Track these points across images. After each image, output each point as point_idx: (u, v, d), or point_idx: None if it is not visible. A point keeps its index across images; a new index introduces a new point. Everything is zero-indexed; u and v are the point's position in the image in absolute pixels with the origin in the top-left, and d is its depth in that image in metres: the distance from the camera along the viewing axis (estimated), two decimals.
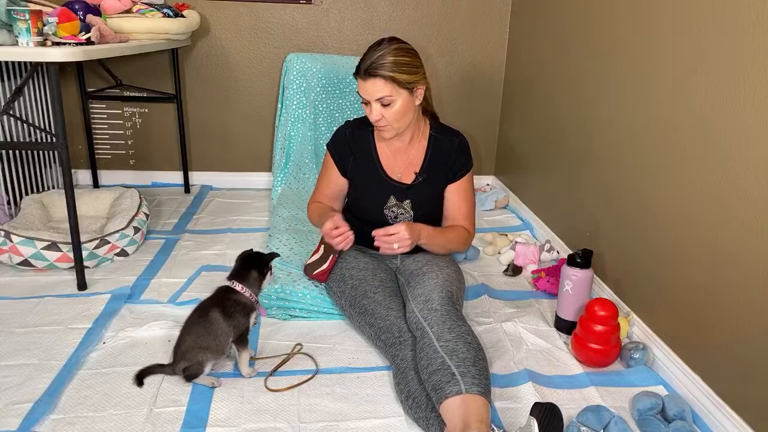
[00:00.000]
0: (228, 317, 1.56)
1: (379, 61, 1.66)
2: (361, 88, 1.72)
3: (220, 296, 1.61)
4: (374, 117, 1.73)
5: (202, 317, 1.57)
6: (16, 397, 1.49)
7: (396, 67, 1.67)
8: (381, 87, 1.68)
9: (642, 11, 1.87)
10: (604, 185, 2.11)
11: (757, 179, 1.36)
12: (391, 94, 1.69)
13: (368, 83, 1.68)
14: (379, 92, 1.68)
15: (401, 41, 1.75)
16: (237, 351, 1.60)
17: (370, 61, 1.67)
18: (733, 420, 1.43)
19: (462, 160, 1.90)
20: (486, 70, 3.29)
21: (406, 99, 1.71)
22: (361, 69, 1.69)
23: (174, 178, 3.31)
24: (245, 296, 1.61)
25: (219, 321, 1.55)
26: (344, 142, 1.91)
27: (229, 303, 1.58)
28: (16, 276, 2.15)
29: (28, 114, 2.68)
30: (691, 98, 1.61)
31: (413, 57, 1.74)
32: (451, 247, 1.91)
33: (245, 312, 1.60)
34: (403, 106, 1.72)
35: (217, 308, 1.57)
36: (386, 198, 1.86)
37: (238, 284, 1.61)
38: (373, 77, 1.67)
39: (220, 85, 3.19)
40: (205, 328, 1.55)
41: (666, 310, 1.72)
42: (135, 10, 2.53)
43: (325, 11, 3.12)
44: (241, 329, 1.59)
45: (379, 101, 1.70)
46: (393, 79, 1.67)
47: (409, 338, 1.59)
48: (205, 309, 1.58)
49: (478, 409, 1.31)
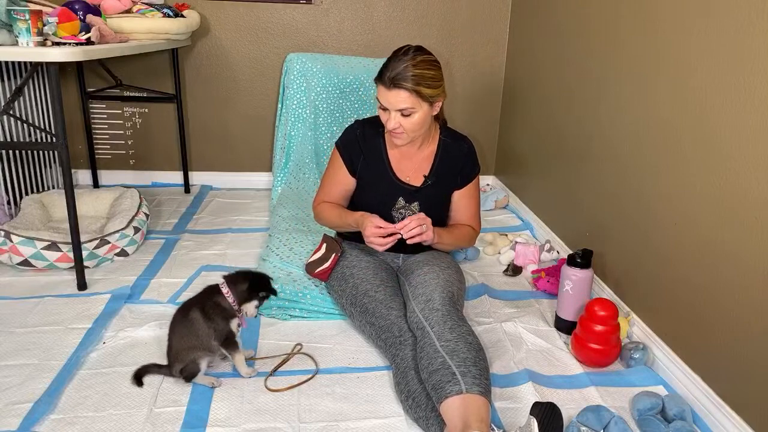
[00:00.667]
0: (207, 319, 1.54)
1: (405, 72, 1.63)
2: (382, 96, 1.69)
3: (203, 296, 1.59)
4: (392, 125, 1.71)
5: (184, 317, 1.56)
6: (16, 397, 1.49)
7: (422, 80, 1.64)
8: (404, 99, 1.65)
9: (642, 12, 1.87)
10: (604, 185, 2.11)
11: (757, 179, 1.36)
12: (413, 106, 1.67)
13: (392, 93, 1.65)
14: (402, 103, 1.66)
15: (427, 52, 1.71)
16: (228, 354, 1.59)
17: (396, 72, 1.64)
18: (733, 420, 1.43)
19: (470, 166, 1.91)
20: (486, 70, 3.29)
21: (425, 111, 1.70)
22: (386, 77, 1.66)
23: (174, 178, 3.31)
24: (227, 301, 1.56)
25: (199, 321, 1.54)
26: (354, 141, 1.90)
27: (209, 304, 1.56)
28: (16, 276, 2.15)
29: (28, 114, 2.68)
30: (691, 98, 1.61)
31: (438, 70, 1.71)
32: (459, 244, 1.94)
33: (224, 316, 1.56)
34: (421, 117, 1.70)
35: (197, 308, 1.55)
36: (395, 199, 1.86)
37: (225, 286, 1.57)
38: (398, 88, 1.64)
39: (220, 85, 3.19)
40: (187, 327, 1.54)
41: (666, 310, 1.72)
42: (135, 10, 2.53)
43: (325, 11, 3.12)
44: (223, 333, 1.56)
45: (399, 111, 1.69)
46: (417, 92, 1.65)
47: (409, 338, 1.59)
48: (186, 309, 1.57)
49: (478, 409, 1.31)
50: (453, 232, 1.90)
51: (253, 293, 1.59)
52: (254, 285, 1.59)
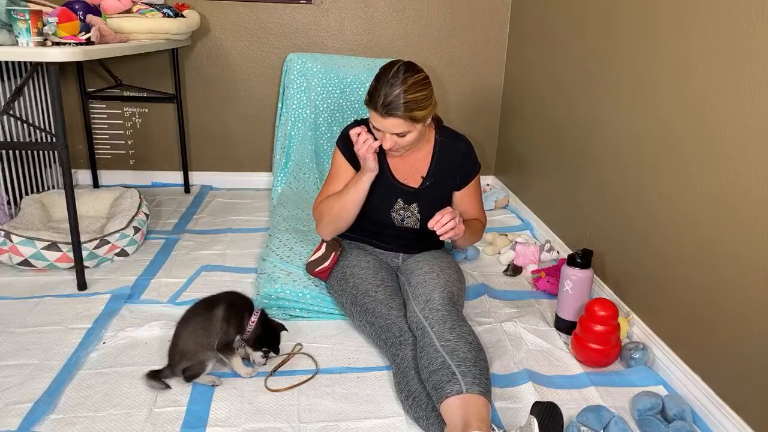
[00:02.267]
0: (226, 321, 1.56)
1: (398, 101, 1.61)
2: (376, 121, 1.67)
3: (235, 302, 1.62)
4: (388, 146, 1.70)
5: (207, 310, 1.58)
6: (16, 397, 1.49)
7: (414, 104, 1.63)
8: (399, 125, 1.64)
9: (642, 12, 1.87)
10: (604, 185, 2.11)
11: (757, 179, 1.36)
12: (408, 129, 1.66)
13: (387, 121, 1.64)
14: (396, 129, 1.66)
15: (416, 70, 1.68)
16: (225, 358, 1.59)
17: (389, 100, 1.61)
18: (733, 420, 1.43)
19: (469, 165, 1.90)
20: (486, 70, 3.29)
21: (419, 129, 1.70)
22: (378, 104, 1.63)
23: (174, 178, 3.31)
24: (249, 325, 1.60)
25: (218, 319, 1.56)
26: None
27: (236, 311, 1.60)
28: (16, 276, 2.15)
29: (28, 114, 2.68)
30: (691, 98, 1.61)
31: (428, 89, 1.68)
32: (475, 238, 1.95)
33: (239, 331, 1.60)
34: (416, 134, 1.70)
35: (224, 306, 1.58)
36: (393, 201, 1.86)
37: (257, 316, 1.62)
38: (392, 116, 1.63)
39: (220, 85, 3.19)
40: (205, 322, 1.55)
41: (666, 310, 1.72)
42: (135, 10, 2.53)
43: (325, 11, 3.12)
44: (227, 338, 1.58)
45: (394, 134, 1.68)
46: (411, 117, 1.64)
47: (409, 338, 1.59)
48: (211, 304, 1.59)
49: (478, 409, 1.31)
50: (470, 225, 1.87)
51: (258, 345, 1.63)
52: (266, 336, 1.64)
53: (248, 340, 1.62)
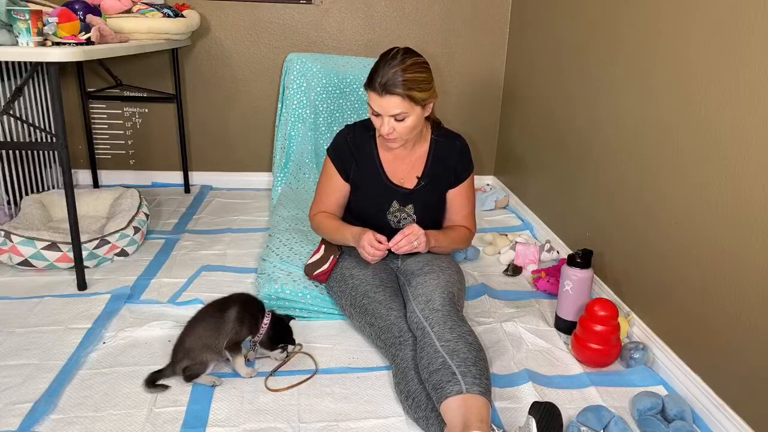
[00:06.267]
0: (239, 321, 1.57)
1: (396, 78, 1.62)
2: (374, 102, 1.68)
3: (248, 303, 1.63)
4: (386, 130, 1.70)
5: (219, 311, 1.58)
6: (16, 397, 1.49)
7: (413, 84, 1.64)
8: (397, 104, 1.65)
9: (641, 12, 1.87)
10: (604, 185, 2.11)
11: (757, 179, 1.36)
12: (406, 110, 1.66)
13: (384, 100, 1.65)
14: (395, 109, 1.66)
15: (415, 54, 1.71)
16: (230, 356, 1.59)
17: (387, 78, 1.63)
18: (733, 420, 1.43)
19: (463, 165, 1.90)
20: (486, 70, 3.29)
21: (418, 114, 1.70)
22: (376, 84, 1.65)
23: (174, 178, 3.31)
24: (262, 327, 1.62)
25: (230, 320, 1.57)
26: (345, 147, 1.89)
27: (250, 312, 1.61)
28: (16, 276, 2.15)
29: (28, 114, 2.68)
30: (690, 98, 1.61)
31: (428, 72, 1.70)
32: (456, 246, 1.93)
33: (251, 331, 1.62)
34: (414, 120, 1.70)
35: (237, 308, 1.59)
36: (389, 203, 1.86)
37: (269, 318, 1.63)
38: (390, 94, 1.63)
39: (220, 85, 3.19)
40: (216, 323, 1.56)
41: (666, 310, 1.72)
42: (135, 10, 2.53)
43: (325, 11, 3.12)
44: (238, 337, 1.59)
45: (392, 116, 1.68)
46: (410, 96, 1.64)
47: (409, 338, 1.59)
48: (223, 305, 1.60)
49: (478, 409, 1.31)
50: (449, 235, 1.89)
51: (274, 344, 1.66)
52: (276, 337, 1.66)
53: (262, 343, 1.64)
